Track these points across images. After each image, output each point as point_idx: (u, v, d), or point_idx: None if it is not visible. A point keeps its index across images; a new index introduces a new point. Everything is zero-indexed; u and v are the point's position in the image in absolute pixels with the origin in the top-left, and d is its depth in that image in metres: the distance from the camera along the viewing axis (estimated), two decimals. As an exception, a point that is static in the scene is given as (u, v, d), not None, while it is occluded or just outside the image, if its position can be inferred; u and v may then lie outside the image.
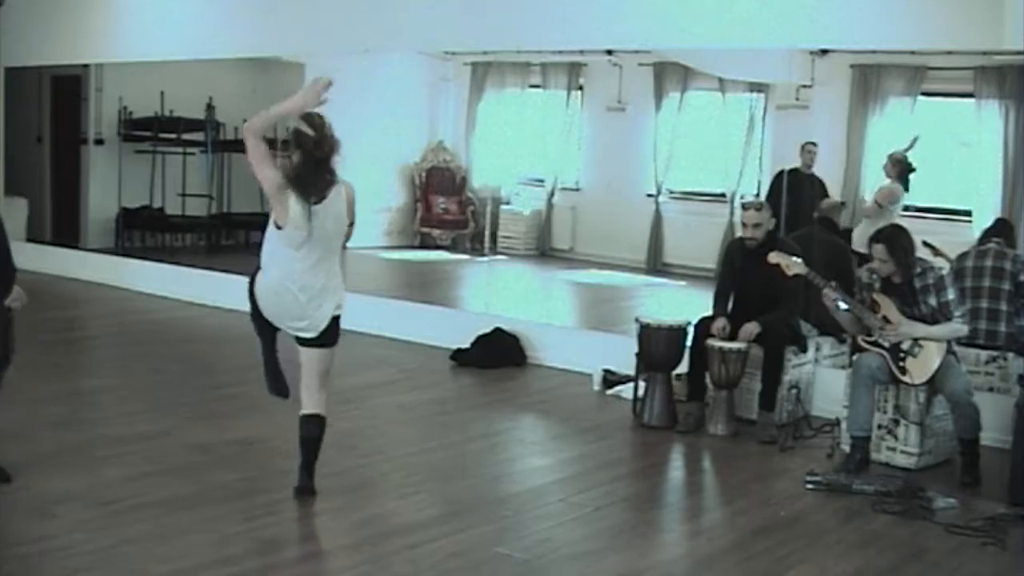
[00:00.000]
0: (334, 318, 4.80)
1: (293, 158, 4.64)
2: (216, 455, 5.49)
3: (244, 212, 11.40)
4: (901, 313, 5.69)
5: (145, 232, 11.83)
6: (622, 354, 6.94)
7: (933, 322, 5.66)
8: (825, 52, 7.59)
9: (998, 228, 7.06)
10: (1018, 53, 6.13)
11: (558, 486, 5.36)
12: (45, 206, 12.37)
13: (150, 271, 10.58)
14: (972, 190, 8.14)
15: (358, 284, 8.11)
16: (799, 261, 6.00)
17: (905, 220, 6.99)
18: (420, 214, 12.39)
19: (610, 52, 9.65)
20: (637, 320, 6.60)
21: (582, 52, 10.21)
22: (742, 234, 6.65)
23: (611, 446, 6.19)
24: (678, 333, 6.53)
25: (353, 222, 4.85)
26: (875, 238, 5.74)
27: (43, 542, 4.26)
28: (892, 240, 5.68)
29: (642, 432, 6.39)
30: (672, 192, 10.83)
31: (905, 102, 8.33)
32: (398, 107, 11.71)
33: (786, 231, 6.99)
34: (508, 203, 11.93)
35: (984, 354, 6.46)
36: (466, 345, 7.93)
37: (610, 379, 7.22)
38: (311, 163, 4.61)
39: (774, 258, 6.05)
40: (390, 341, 8.44)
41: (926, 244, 6.61)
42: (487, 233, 11.19)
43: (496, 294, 9.86)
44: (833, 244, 7.20)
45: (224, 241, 11.92)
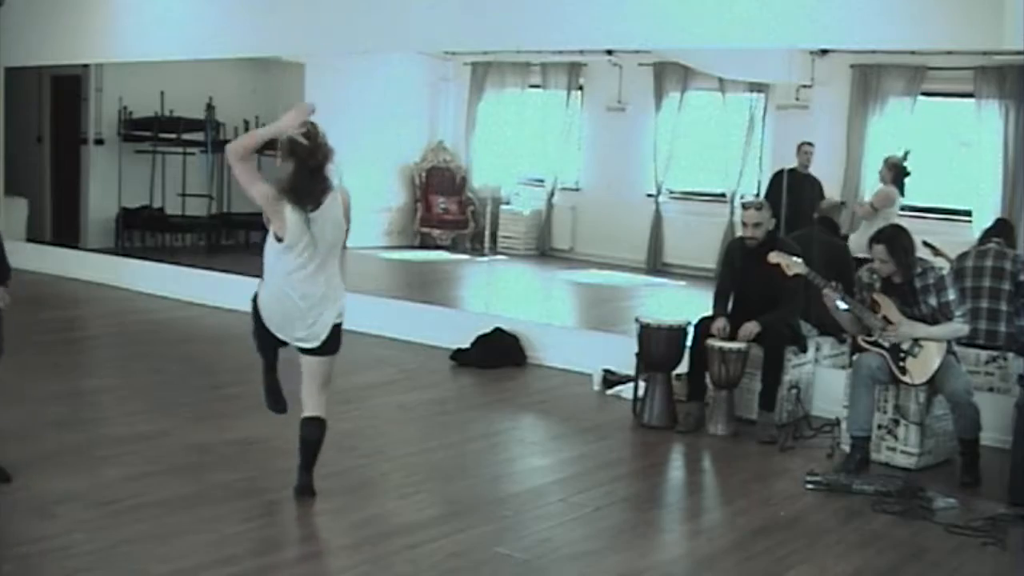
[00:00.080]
0: (335, 326, 4.81)
1: (287, 167, 4.65)
2: (216, 455, 5.49)
3: (244, 212, 11.35)
4: (901, 313, 5.69)
5: (145, 232, 11.82)
6: (622, 354, 6.94)
7: (933, 322, 5.66)
8: (825, 52, 7.60)
9: (998, 228, 7.06)
10: (1018, 53, 6.13)
11: (558, 486, 5.36)
12: (45, 206, 12.37)
13: (150, 271, 10.58)
14: (972, 190, 8.14)
15: (358, 284, 8.10)
16: (799, 261, 6.00)
17: (905, 220, 6.97)
18: (420, 214, 12.37)
19: (610, 52, 9.64)
20: (637, 320, 6.60)
21: (582, 52, 10.20)
22: (742, 234, 6.65)
23: (611, 446, 6.19)
24: (678, 333, 6.52)
25: (348, 227, 4.86)
26: (875, 238, 5.74)
27: (43, 542, 4.26)
28: (892, 240, 5.68)
29: (642, 432, 6.39)
30: (672, 192, 10.81)
31: (905, 102, 8.32)
32: (398, 107, 11.69)
33: (785, 231, 6.98)
34: (508, 203, 11.92)
35: (984, 354, 6.46)
36: (466, 345, 7.93)
37: (610, 379, 7.22)
38: (305, 172, 4.63)
39: (774, 258, 6.05)
40: (390, 341, 8.44)
41: (926, 244, 6.61)
42: (487, 233, 11.17)
43: (496, 294, 9.84)
44: (833, 244, 7.19)
45: (224, 241, 11.92)
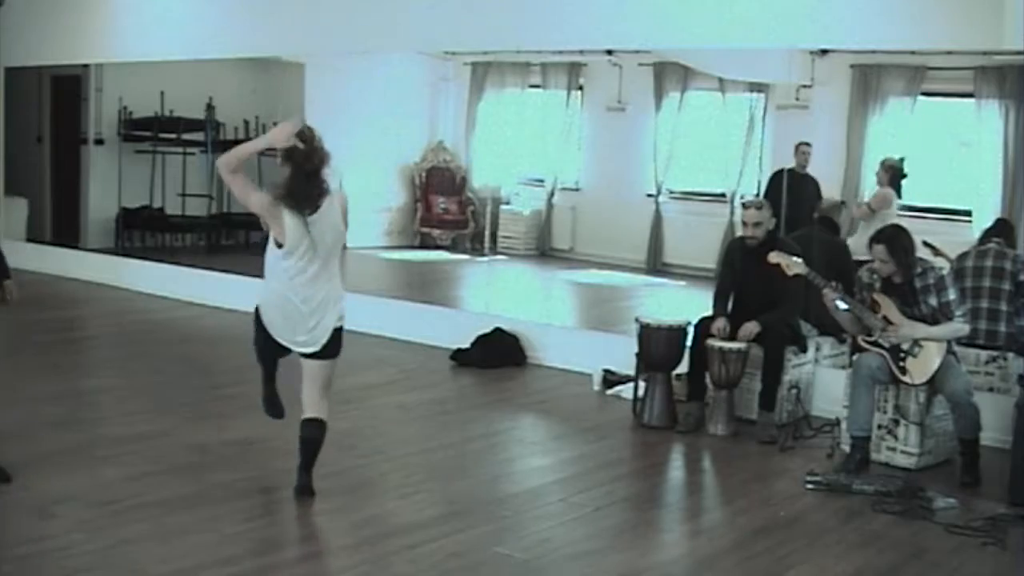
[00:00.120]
0: (336, 330, 4.81)
1: (284, 172, 4.65)
2: (216, 455, 5.49)
3: (244, 212, 11.23)
4: (901, 313, 5.69)
5: (145, 232, 11.81)
6: (622, 354, 6.94)
7: (934, 322, 5.66)
8: (825, 52, 7.59)
9: (998, 228, 7.06)
10: (1018, 53, 6.13)
11: (558, 486, 5.36)
12: (45, 206, 12.37)
13: (150, 271, 10.58)
14: (972, 190, 8.13)
15: (358, 284, 8.11)
16: (799, 261, 5.99)
17: (905, 220, 6.97)
18: (420, 214, 12.36)
19: (610, 52, 9.62)
20: (637, 320, 6.60)
21: (582, 52, 10.19)
22: (742, 233, 6.65)
23: (611, 446, 6.19)
24: (678, 333, 6.52)
25: (345, 229, 4.87)
26: (875, 238, 5.74)
27: (43, 542, 4.26)
28: (892, 240, 5.68)
29: (642, 432, 6.39)
30: (672, 192, 10.80)
31: (905, 102, 8.31)
32: (398, 107, 11.69)
33: (784, 231, 6.98)
34: (508, 203, 11.90)
35: (984, 354, 6.46)
36: (466, 345, 7.93)
37: (610, 379, 7.22)
38: (301, 176, 4.64)
39: (774, 258, 6.05)
40: (390, 341, 8.44)
41: (926, 244, 6.61)
42: (487, 233, 11.16)
43: (496, 294, 9.84)
44: (833, 244, 7.19)
45: (224, 241, 11.90)
